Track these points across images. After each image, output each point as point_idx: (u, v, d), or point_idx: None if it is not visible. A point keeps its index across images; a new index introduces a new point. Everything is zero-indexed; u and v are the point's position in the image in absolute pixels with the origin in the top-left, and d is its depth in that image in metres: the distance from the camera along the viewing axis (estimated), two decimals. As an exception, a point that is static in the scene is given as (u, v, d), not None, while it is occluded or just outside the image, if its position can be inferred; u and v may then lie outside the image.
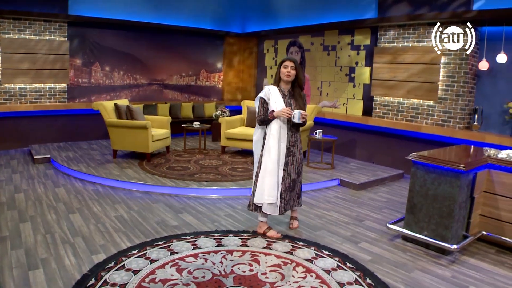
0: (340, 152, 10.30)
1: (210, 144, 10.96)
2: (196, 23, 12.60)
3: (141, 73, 12.11)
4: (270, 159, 5.03)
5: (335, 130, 10.22)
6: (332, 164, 8.91)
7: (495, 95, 8.09)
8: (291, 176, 5.15)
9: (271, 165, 5.02)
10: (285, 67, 5.02)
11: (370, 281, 4.13)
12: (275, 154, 5.03)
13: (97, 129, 10.78)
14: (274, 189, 5.03)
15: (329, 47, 11.01)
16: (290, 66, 5.01)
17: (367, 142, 10.01)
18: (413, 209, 5.16)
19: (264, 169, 5.06)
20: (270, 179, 5.02)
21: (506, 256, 5.00)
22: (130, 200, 6.52)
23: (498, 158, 5.13)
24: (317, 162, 9.26)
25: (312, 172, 8.34)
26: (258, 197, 5.07)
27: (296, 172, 5.20)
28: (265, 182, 5.04)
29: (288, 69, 5.00)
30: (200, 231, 5.28)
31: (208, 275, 4.10)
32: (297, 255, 4.65)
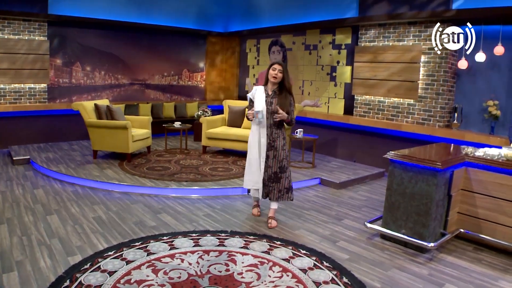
0: (321, 151, 10.31)
1: (192, 144, 10.92)
2: (178, 22, 12.54)
3: (123, 73, 12.04)
4: (253, 153, 5.68)
5: (316, 129, 10.24)
6: (313, 163, 8.91)
7: (475, 94, 8.15)
8: (272, 169, 5.62)
9: (254, 158, 5.67)
10: (273, 70, 5.49)
11: (347, 280, 4.13)
12: (255, 148, 5.65)
13: (78, 130, 10.68)
14: (258, 177, 5.67)
15: (310, 46, 11.02)
16: (278, 69, 5.47)
17: (349, 141, 10.03)
18: (391, 208, 5.18)
19: (249, 161, 5.75)
20: (253, 169, 5.69)
21: (484, 253, 5.04)
22: (109, 201, 6.47)
23: (475, 156, 5.17)
24: (298, 161, 9.26)
25: (293, 171, 8.30)
26: (247, 183, 5.82)
27: (279, 167, 5.60)
28: (251, 171, 5.73)
29: (275, 72, 5.47)
30: (177, 232, 5.25)
31: (184, 276, 4.08)
32: (274, 255, 4.64)
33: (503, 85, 7.77)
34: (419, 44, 8.55)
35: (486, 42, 7.70)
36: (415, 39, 8.63)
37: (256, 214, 6.01)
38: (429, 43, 8.37)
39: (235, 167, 8.38)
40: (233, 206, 6.45)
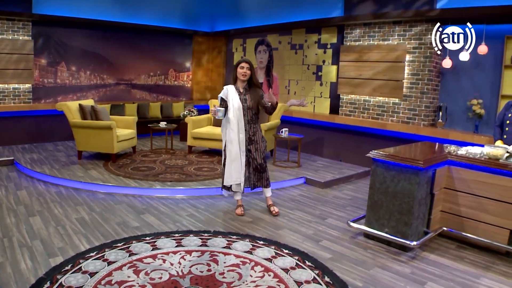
0: (307, 151, 10.32)
1: (177, 144, 10.89)
2: (164, 22, 12.50)
3: (109, 73, 11.97)
4: (233, 148, 5.81)
5: (302, 129, 10.24)
6: (298, 163, 8.92)
7: (459, 93, 8.19)
8: (257, 161, 5.91)
9: (235, 153, 5.82)
10: (241, 68, 5.73)
11: (328, 279, 4.12)
12: (236, 144, 5.81)
13: (63, 130, 10.59)
14: (239, 172, 5.85)
15: (296, 46, 11.02)
16: (246, 67, 5.73)
17: (334, 140, 10.05)
18: (374, 207, 5.19)
19: (229, 157, 5.85)
20: (235, 165, 5.84)
21: (466, 251, 5.06)
22: (93, 201, 6.42)
23: (458, 155, 5.19)
24: (283, 161, 9.26)
25: (278, 171, 8.34)
26: (227, 180, 5.91)
27: (262, 158, 5.96)
28: (232, 167, 5.85)
29: (244, 70, 5.72)
30: (160, 232, 5.22)
31: (165, 276, 4.05)
32: (256, 255, 4.63)
33: (487, 84, 7.82)
34: (404, 43, 8.57)
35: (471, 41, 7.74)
36: (400, 38, 8.65)
37: (240, 214, 6.02)
38: (413, 42, 8.41)
39: (220, 167, 8.29)
40: (217, 206, 6.43)
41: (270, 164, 8.86)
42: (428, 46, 8.17)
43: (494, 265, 4.72)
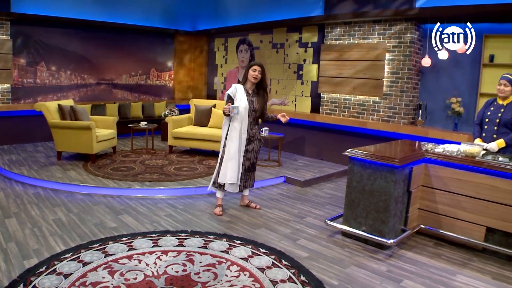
0: (289, 150, 10.32)
1: (159, 144, 10.83)
2: (145, 21, 12.42)
3: (89, 73, 11.87)
4: (233, 147, 5.81)
5: (284, 128, 10.20)
6: (279, 162, 8.91)
7: (438, 91, 8.23)
8: (250, 160, 6.01)
9: (233, 152, 5.80)
10: (254, 71, 5.78)
11: (304, 278, 4.11)
12: (236, 143, 5.81)
13: (43, 131, 10.47)
14: (235, 171, 5.84)
15: (277, 45, 11.03)
16: (258, 70, 5.78)
17: (316, 139, 10.05)
18: (351, 205, 5.19)
19: (227, 155, 5.82)
20: (232, 164, 5.81)
21: (443, 248, 5.09)
22: (71, 202, 6.35)
23: (435, 153, 5.20)
24: (264, 160, 9.23)
25: (259, 170, 8.29)
26: (222, 178, 5.87)
27: (255, 157, 6.07)
28: (228, 166, 5.82)
29: (256, 73, 5.77)
30: (137, 232, 5.18)
31: (140, 277, 4.02)
32: (233, 254, 4.61)
33: (466, 82, 7.87)
34: (383, 42, 8.60)
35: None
36: (379, 37, 8.68)
37: (218, 214, 6.01)
38: (393, 41, 8.44)
39: (200, 167, 8.33)
40: (195, 206, 6.39)
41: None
42: (408, 44, 8.21)
43: (471, 262, 4.75)
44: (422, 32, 8.41)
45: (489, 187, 4.78)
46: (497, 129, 5.40)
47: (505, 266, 4.66)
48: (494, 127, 5.43)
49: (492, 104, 5.57)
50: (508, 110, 5.34)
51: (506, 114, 5.33)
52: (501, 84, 5.38)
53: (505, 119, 5.33)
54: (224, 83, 12.87)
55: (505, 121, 5.33)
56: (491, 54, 7.48)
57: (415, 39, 8.26)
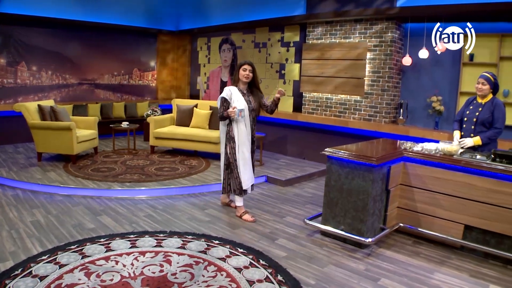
0: (271, 149, 10.32)
1: (141, 144, 10.77)
2: (127, 20, 12.32)
3: (71, 73, 11.77)
4: (246, 151, 5.80)
5: (266, 127, 10.21)
6: (261, 161, 8.90)
7: (419, 90, 8.27)
8: (252, 160, 6.02)
9: (247, 155, 5.82)
10: (244, 70, 5.75)
11: (281, 277, 4.10)
12: (248, 146, 5.82)
13: (24, 132, 10.25)
14: (251, 172, 5.95)
15: (260, 44, 11.02)
16: (249, 69, 5.74)
17: (298, 138, 10.05)
18: (330, 204, 5.19)
19: (243, 160, 5.79)
20: (249, 167, 5.87)
21: (422, 246, 5.10)
22: (50, 204, 6.27)
23: (413, 151, 5.22)
24: (246, 159, 9.21)
25: (240, 169, 8.31)
26: (246, 183, 5.83)
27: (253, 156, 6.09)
28: (246, 170, 5.82)
29: (247, 72, 5.74)
30: (115, 233, 5.13)
31: (116, 278, 3.98)
32: (210, 254, 4.58)
33: (446, 81, 7.92)
34: (365, 41, 8.62)
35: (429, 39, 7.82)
36: (361, 36, 8.70)
37: (252, 220, 5.83)
38: (374, 40, 8.46)
39: (182, 167, 8.30)
40: (175, 206, 6.35)
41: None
42: (389, 44, 8.24)
43: (449, 259, 4.77)
44: (403, 31, 8.45)
45: (467, 185, 4.80)
46: (474, 127, 5.44)
47: (483, 264, 4.69)
48: (471, 125, 5.46)
49: (472, 103, 5.60)
50: (485, 109, 5.38)
51: (484, 113, 5.36)
52: (479, 83, 5.41)
53: (482, 118, 5.36)
54: (207, 83, 12.83)
55: (482, 120, 5.36)
56: (470, 53, 7.52)
57: (396, 38, 8.29)
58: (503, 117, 5.33)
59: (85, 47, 11.95)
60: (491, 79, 5.37)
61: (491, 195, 4.64)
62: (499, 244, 4.68)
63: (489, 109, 5.34)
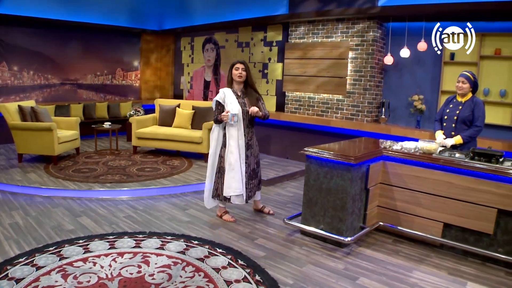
0: (255, 149, 10.30)
1: (124, 145, 10.71)
2: (110, 20, 12.24)
3: (53, 73, 11.66)
4: (233, 157, 5.55)
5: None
6: (243, 161, 8.87)
7: (401, 89, 8.31)
8: (251, 166, 5.71)
9: (234, 161, 5.54)
10: (237, 69, 5.52)
11: (259, 277, 4.09)
12: (236, 152, 5.56)
13: (5, 133, 10.18)
14: (239, 182, 5.57)
15: (243, 44, 11.01)
16: (241, 68, 5.51)
17: (281, 138, 10.05)
18: (309, 204, 5.18)
19: (229, 166, 5.56)
20: (235, 174, 5.55)
21: (402, 245, 5.12)
22: (30, 205, 6.20)
23: (393, 150, 5.23)
24: (229, 159, 9.19)
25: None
26: (227, 191, 5.59)
27: (255, 162, 5.80)
28: (231, 177, 5.56)
29: (239, 71, 5.50)
30: (94, 234, 5.08)
31: (93, 279, 3.94)
32: (189, 255, 4.56)
33: (427, 80, 7.96)
34: (346, 40, 8.64)
35: (410, 38, 7.87)
36: (343, 36, 8.72)
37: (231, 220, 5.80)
38: (356, 39, 8.48)
39: (164, 167, 8.26)
40: (156, 206, 6.31)
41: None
42: (370, 43, 8.26)
43: (428, 257, 4.78)
44: (384, 31, 8.47)
45: (446, 183, 4.83)
46: (455, 126, 5.47)
47: (462, 261, 4.71)
48: (452, 124, 5.50)
49: (452, 101, 5.64)
50: (466, 107, 5.41)
51: (464, 112, 5.40)
52: (459, 82, 5.45)
53: (462, 116, 5.40)
54: (190, 83, 12.79)
55: (462, 118, 5.40)
56: (451, 52, 7.56)
57: (378, 38, 8.31)
58: (483, 115, 5.38)
59: (68, 47, 11.85)
60: (471, 77, 5.41)
61: (470, 193, 4.67)
62: (477, 242, 4.71)
63: (469, 107, 5.38)
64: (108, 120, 11.25)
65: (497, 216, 4.54)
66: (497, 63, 7.24)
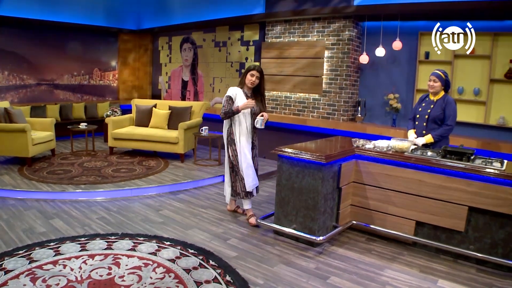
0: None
1: (101, 145, 10.61)
2: (87, 19, 12.13)
3: (29, 73, 11.51)
4: (247, 154, 5.65)
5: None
6: (219, 161, 8.86)
7: (377, 88, 8.35)
8: (254, 167, 5.75)
9: (249, 158, 5.65)
10: (252, 76, 5.55)
11: (230, 278, 4.07)
12: (249, 149, 5.69)
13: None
14: (255, 174, 5.73)
15: (220, 43, 10.99)
16: (256, 76, 5.56)
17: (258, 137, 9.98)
18: (281, 203, 5.18)
19: (245, 163, 5.61)
20: (252, 169, 5.67)
21: (375, 243, 5.14)
22: (1, 208, 6.08)
23: (365, 149, 5.25)
24: (205, 159, 9.18)
25: (198, 169, 8.25)
26: (249, 186, 5.63)
27: (256, 163, 5.89)
28: (249, 173, 5.62)
29: (254, 78, 5.55)
30: (66, 237, 5.02)
31: (63, 282, 3.90)
32: (160, 256, 4.53)
33: (403, 78, 8.02)
34: (322, 39, 8.66)
35: (386, 37, 7.92)
36: (319, 35, 8.73)
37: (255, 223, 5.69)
38: (332, 39, 8.50)
39: (140, 168, 8.21)
40: (130, 207, 6.27)
41: (191, 163, 8.82)
42: (346, 42, 8.29)
43: (401, 256, 4.82)
44: (360, 30, 8.50)
45: (417, 181, 4.86)
46: (426, 124, 5.50)
47: (434, 259, 4.75)
48: (423, 122, 5.53)
49: (424, 100, 5.68)
50: (437, 106, 5.44)
51: (435, 110, 5.43)
52: (431, 80, 5.49)
53: (433, 115, 5.43)
54: (168, 82, 12.74)
55: (433, 117, 5.43)
56: (426, 51, 7.64)
57: (354, 37, 8.34)
58: (454, 114, 5.40)
59: (43, 46, 11.71)
60: (442, 76, 5.44)
61: (441, 191, 4.71)
62: (449, 239, 4.75)
63: (441, 106, 5.41)
64: (86, 121, 11.14)
65: (468, 214, 4.59)
66: (471, 62, 7.32)
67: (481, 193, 4.46)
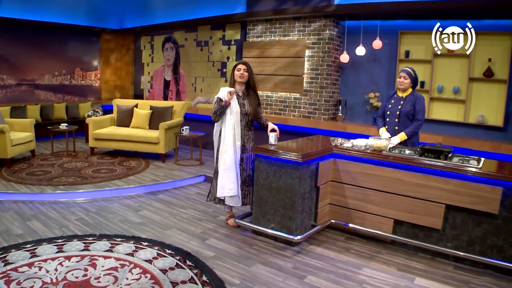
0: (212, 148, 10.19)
1: (82, 146, 10.54)
2: (69, 18, 12.01)
3: (8, 73, 11.37)
4: (228, 156, 5.36)
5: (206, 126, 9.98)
6: (200, 160, 8.85)
7: (358, 86, 8.39)
8: (246, 172, 5.49)
9: (229, 161, 5.35)
10: (238, 70, 5.41)
11: (206, 278, 4.07)
12: (231, 152, 5.37)
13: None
14: (234, 182, 5.38)
15: (202, 43, 10.97)
16: (243, 69, 5.41)
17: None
18: (259, 202, 5.17)
19: (223, 166, 5.38)
20: (229, 175, 5.36)
21: (354, 242, 5.16)
22: (-22, 210, 6.06)
23: (343, 148, 5.27)
24: (187, 159, 9.17)
25: (179, 169, 8.23)
26: (220, 191, 5.41)
27: (251, 168, 5.50)
28: (224, 177, 5.37)
29: (241, 72, 5.40)
30: (43, 238, 4.97)
31: (38, 284, 3.86)
32: (137, 256, 4.51)
33: (383, 77, 8.06)
34: (303, 38, 8.67)
35: (366, 36, 7.94)
36: (299, 34, 8.74)
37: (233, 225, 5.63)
38: (312, 38, 8.51)
39: (120, 168, 8.17)
40: (109, 208, 6.23)
41: (172, 163, 8.79)
42: (326, 41, 8.31)
43: (379, 254, 4.84)
44: (341, 29, 8.53)
45: (395, 180, 4.89)
46: (398, 121, 5.57)
47: (412, 257, 4.78)
48: (395, 119, 5.60)
49: (393, 97, 5.77)
50: (407, 102, 5.54)
51: (406, 106, 5.52)
52: (401, 77, 5.59)
53: (405, 111, 5.52)
54: (150, 82, 12.68)
55: (405, 112, 5.52)
56: (406, 50, 7.69)
57: (334, 36, 8.36)
58: (423, 109, 5.55)
59: (24, 46, 11.57)
60: (412, 73, 5.59)
61: (419, 190, 4.74)
62: (427, 238, 4.78)
63: (411, 102, 5.52)
64: (67, 121, 11.07)
65: (445, 212, 4.62)
66: (450, 61, 7.38)
67: (458, 191, 4.49)
